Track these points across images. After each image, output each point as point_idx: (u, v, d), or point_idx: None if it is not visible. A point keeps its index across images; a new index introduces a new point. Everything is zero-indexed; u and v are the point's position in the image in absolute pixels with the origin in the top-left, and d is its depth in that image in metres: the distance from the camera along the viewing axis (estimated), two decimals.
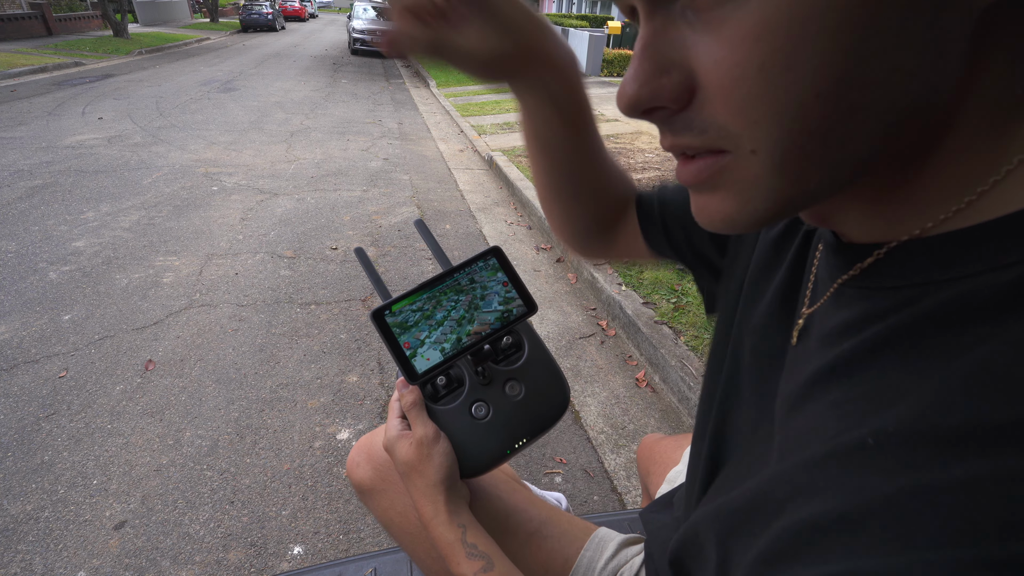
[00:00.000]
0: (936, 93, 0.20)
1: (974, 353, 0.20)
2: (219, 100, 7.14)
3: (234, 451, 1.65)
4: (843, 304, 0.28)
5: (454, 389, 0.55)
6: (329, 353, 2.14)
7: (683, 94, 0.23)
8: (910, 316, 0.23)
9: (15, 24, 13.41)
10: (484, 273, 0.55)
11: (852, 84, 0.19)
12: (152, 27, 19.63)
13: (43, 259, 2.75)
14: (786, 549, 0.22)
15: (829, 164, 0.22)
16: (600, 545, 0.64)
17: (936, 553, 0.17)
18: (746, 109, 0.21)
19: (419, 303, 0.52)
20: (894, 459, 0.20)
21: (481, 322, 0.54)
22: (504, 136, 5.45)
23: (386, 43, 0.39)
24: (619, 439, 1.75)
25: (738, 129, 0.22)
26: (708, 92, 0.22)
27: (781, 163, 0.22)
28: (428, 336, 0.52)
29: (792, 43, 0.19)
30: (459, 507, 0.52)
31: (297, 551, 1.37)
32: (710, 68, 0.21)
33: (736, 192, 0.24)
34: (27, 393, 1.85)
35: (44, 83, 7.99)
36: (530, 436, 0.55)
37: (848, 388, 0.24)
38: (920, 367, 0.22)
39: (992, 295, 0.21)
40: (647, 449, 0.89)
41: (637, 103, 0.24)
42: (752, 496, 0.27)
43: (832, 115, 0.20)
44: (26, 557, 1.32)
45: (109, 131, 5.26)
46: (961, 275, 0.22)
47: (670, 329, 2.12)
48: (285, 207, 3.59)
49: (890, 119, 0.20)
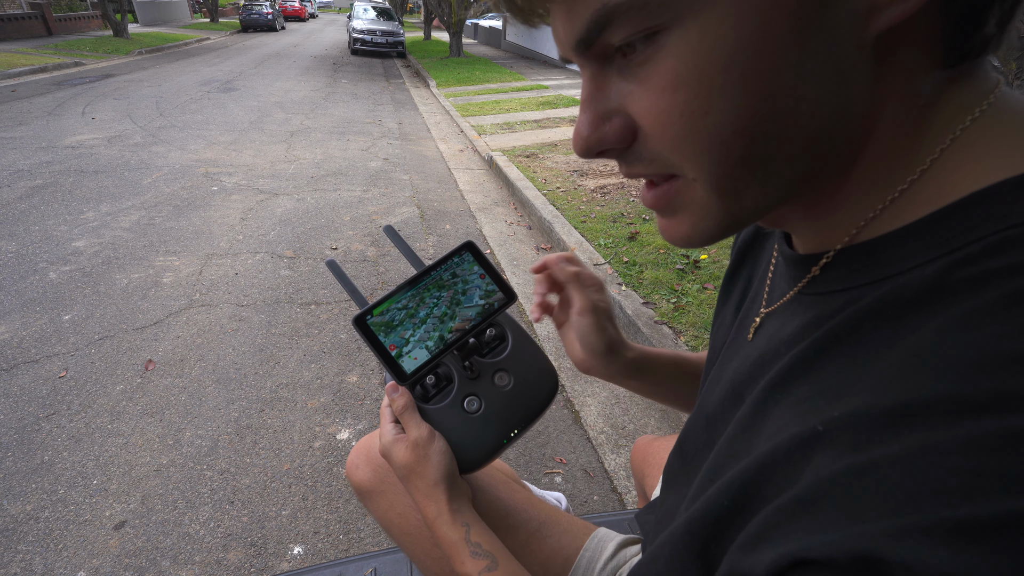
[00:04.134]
0: (846, 113, 0.23)
1: (906, 341, 0.22)
2: (219, 100, 7.14)
3: (234, 451, 1.65)
4: (799, 311, 0.30)
5: (444, 387, 0.55)
6: (329, 353, 2.14)
7: (626, 135, 0.27)
8: (854, 314, 0.25)
9: (15, 24, 13.41)
10: (463, 267, 0.55)
11: (763, 118, 0.23)
12: (152, 27, 19.63)
13: (43, 259, 2.75)
14: (757, 532, 0.23)
15: (760, 184, 0.25)
16: (600, 545, 0.64)
17: (877, 524, 0.18)
18: (678, 147, 0.25)
19: (403, 301, 0.52)
20: (841, 442, 0.21)
21: (463, 317, 0.54)
22: (504, 136, 5.45)
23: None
24: (619, 439, 1.75)
25: (677, 161, 0.26)
26: (646, 132, 0.26)
27: (717, 187, 0.25)
28: (413, 335, 0.52)
29: (704, 91, 0.23)
30: (462, 505, 0.52)
31: (297, 551, 1.37)
32: (643, 114, 0.25)
33: (690, 213, 0.28)
34: (27, 393, 1.85)
35: (44, 83, 7.99)
36: (524, 424, 0.55)
37: (805, 387, 0.26)
38: (864, 359, 0.23)
39: (919, 288, 0.23)
40: (641, 451, 0.89)
41: (588, 148, 0.28)
42: (729, 496, 0.28)
43: (751, 145, 0.24)
44: (26, 557, 1.32)
45: (109, 131, 5.26)
46: (893, 273, 0.25)
47: (670, 329, 2.12)
48: (285, 207, 3.59)
49: (805, 141, 0.24)
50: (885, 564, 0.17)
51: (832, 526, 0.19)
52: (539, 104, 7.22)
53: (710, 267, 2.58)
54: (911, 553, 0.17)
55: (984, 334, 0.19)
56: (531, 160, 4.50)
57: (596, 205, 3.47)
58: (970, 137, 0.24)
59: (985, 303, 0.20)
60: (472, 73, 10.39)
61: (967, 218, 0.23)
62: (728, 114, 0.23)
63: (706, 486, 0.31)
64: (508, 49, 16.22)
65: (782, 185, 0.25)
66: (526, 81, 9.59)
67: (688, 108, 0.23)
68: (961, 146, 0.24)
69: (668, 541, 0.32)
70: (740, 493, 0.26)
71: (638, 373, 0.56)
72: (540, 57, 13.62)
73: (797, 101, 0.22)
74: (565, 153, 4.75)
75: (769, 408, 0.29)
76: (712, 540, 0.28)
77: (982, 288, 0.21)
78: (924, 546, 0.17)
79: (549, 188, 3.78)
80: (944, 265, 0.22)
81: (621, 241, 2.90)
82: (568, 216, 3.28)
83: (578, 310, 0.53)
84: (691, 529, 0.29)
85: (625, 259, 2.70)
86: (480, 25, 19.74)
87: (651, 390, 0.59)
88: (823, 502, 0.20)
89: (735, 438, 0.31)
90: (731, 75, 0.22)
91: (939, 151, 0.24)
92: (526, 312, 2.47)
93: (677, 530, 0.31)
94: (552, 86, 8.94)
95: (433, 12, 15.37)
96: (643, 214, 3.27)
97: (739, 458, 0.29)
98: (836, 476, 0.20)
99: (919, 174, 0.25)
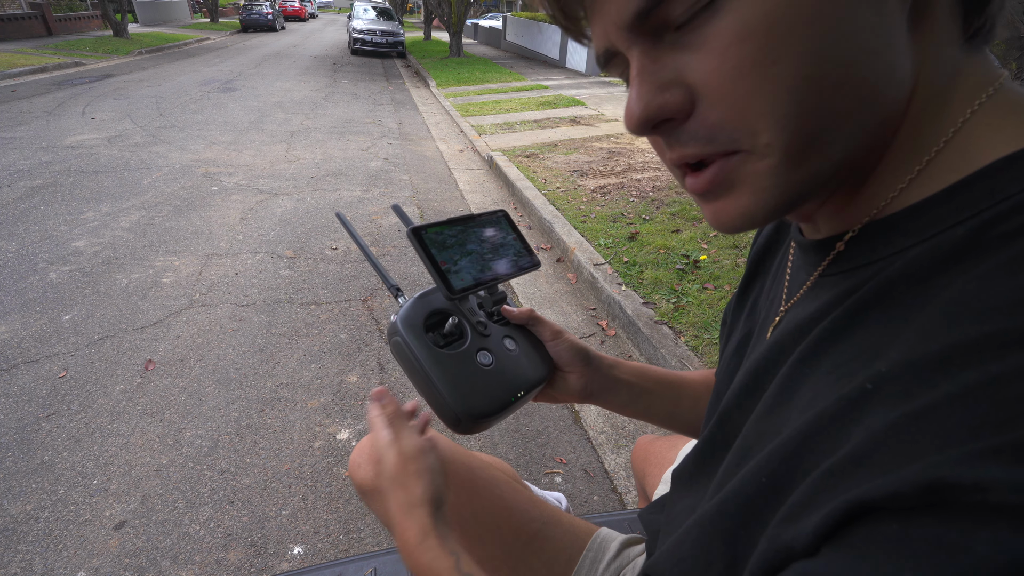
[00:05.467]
0: (896, 74, 0.24)
1: (946, 292, 0.22)
2: (219, 100, 7.14)
3: (234, 451, 1.65)
4: (821, 293, 0.31)
5: (456, 339, 0.56)
6: (329, 353, 2.13)
7: (685, 105, 0.26)
8: (886, 279, 0.26)
9: (15, 24, 13.41)
10: (501, 226, 0.61)
11: (831, 63, 0.23)
12: (152, 27, 19.62)
13: (43, 259, 2.75)
14: (802, 501, 0.22)
15: (826, 143, 0.25)
16: (602, 545, 0.64)
17: (943, 454, 0.18)
18: (749, 105, 0.24)
19: (455, 231, 0.56)
20: (892, 394, 0.21)
21: (500, 264, 0.58)
22: (504, 136, 5.45)
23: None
24: (619, 439, 1.75)
25: (745, 126, 0.25)
26: (709, 100, 0.25)
27: (788, 146, 0.25)
28: (460, 260, 0.55)
29: (773, 39, 0.23)
30: (448, 532, 0.46)
31: (297, 551, 1.37)
32: (707, 79, 0.25)
33: (751, 186, 0.26)
34: (27, 393, 1.85)
35: (44, 83, 7.99)
36: (527, 389, 0.57)
37: (837, 354, 0.26)
38: (901, 316, 0.24)
39: (950, 248, 0.24)
40: (642, 450, 0.89)
41: (646, 119, 0.27)
42: (767, 473, 0.27)
43: (820, 92, 0.23)
44: (26, 557, 1.32)
45: (109, 131, 5.26)
46: (923, 239, 0.25)
47: (670, 329, 2.12)
48: (285, 207, 3.59)
49: (867, 94, 0.24)
50: (956, 488, 0.17)
51: (893, 468, 0.19)
52: (539, 104, 7.22)
53: (710, 267, 2.58)
54: (983, 473, 0.17)
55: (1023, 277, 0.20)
56: (531, 160, 4.50)
57: (596, 205, 3.47)
58: (988, 111, 0.25)
59: (1021, 251, 0.21)
60: (472, 73, 10.39)
61: (994, 182, 0.23)
62: (798, 59, 0.23)
63: (733, 471, 0.30)
64: (508, 49, 16.23)
65: (843, 148, 0.25)
66: (526, 81, 9.60)
67: (758, 58, 0.23)
68: (981, 118, 0.25)
69: (696, 526, 0.31)
70: (781, 467, 0.25)
71: (622, 383, 0.59)
72: (540, 57, 13.63)
73: (858, 51, 0.23)
74: (565, 153, 4.75)
75: (797, 384, 0.28)
76: (743, 524, 0.27)
77: (1015, 239, 0.21)
78: (996, 464, 0.16)
79: (549, 188, 3.78)
80: (974, 225, 0.23)
81: (621, 241, 2.90)
82: (568, 216, 3.28)
83: (550, 337, 0.58)
84: (723, 511, 0.29)
85: (625, 259, 2.70)
86: (480, 25, 19.75)
87: (645, 403, 0.60)
88: (881, 452, 0.20)
89: (762, 419, 0.30)
90: (799, 19, 0.22)
91: (960, 123, 0.25)
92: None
93: (706, 514, 0.30)
94: (552, 86, 8.94)
95: (433, 12, 15.39)
96: (643, 214, 3.27)
97: (769, 437, 0.28)
98: (891, 426, 0.20)
99: (943, 144, 0.26)
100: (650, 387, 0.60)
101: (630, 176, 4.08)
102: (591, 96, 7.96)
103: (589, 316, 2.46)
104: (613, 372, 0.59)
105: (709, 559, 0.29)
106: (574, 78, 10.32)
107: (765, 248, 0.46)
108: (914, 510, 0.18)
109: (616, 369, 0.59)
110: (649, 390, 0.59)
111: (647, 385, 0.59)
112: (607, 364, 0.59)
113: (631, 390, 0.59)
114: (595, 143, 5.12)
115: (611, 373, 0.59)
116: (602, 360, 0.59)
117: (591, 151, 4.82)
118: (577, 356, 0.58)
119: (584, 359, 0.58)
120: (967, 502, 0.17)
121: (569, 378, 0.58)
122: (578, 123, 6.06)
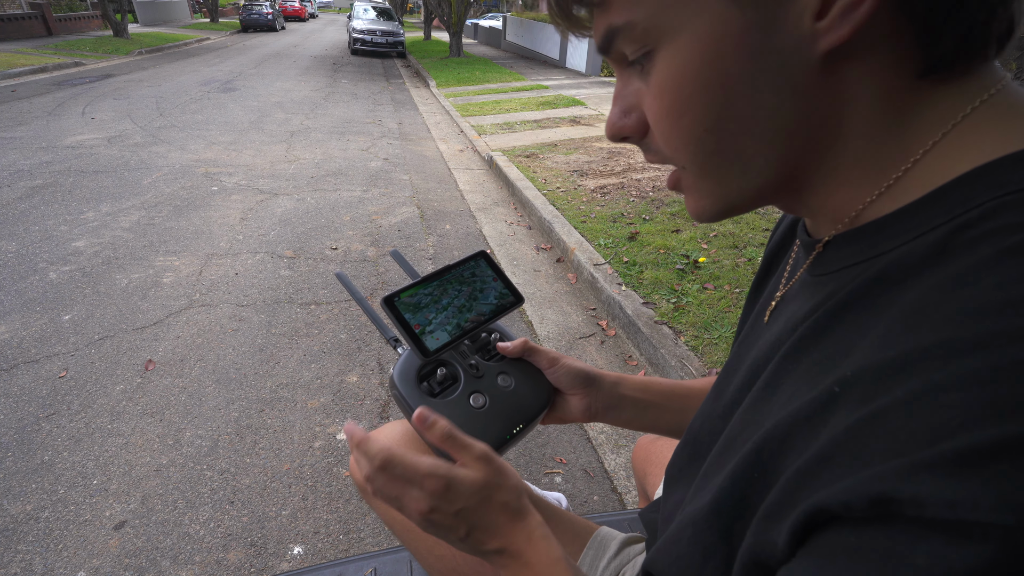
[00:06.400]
0: (805, 115, 0.27)
1: (910, 297, 0.24)
2: (219, 100, 7.14)
3: (234, 451, 1.65)
4: (812, 293, 0.32)
5: (449, 385, 0.58)
6: (329, 353, 2.13)
7: (640, 128, 0.32)
8: (860, 284, 0.27)
9: (15, 24, 13.41)
10: (480, 270, 0.62)
11: (728, 119, 0.28)
12: (152, 27, 19.62)
13: (43, 259, 2.75)
14: (779, 500, 0.24)
15: (738, 172, 0.30)
16: (602, 544, 0.64)
17: (886, 466, 0.19)
18: (667, 141, 0.31)
19: (429, 289, 0.58)
20: (855, 397, 0.22)
21: (479, 311, 0.59)
22: (504, 136, 5.45)
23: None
24: (619, 439, 1.75)
25: (672, 152, 0.31)
26: (653, 128, 0.31)
27: (700, 174, 0.31)
28: (435, 318, 0.56)
29: (680, 97, 0.28)
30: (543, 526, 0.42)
31: (297, 551, 1.37)
32: (648, 112, 0.31)
33: (694, 192, 0.33)
34: (27, 393, 1.85)
35: (44, 83, 7.99)
36: (526, 423, 0.57)
37: (815, 355, 0.28)
38: (870, 321, 0.25)
39: (922, 253, 0.25)
40: (643, 450, 0.89)
41: (613, 136, 0.34)
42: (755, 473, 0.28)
43: (721, 140, 0.29)
44: (26, 557, 1.32)
45: (109, 131, 5.26)
46: (899, 244, 0.26)
47: (670, 329, 2.12)
48: (285, 207, 3.59)
49: (770, 137, 0.28)
50: (896, 502, 0.18)
51: (846, 474, 0.20)
52: (539, 104, 7.22)
53: (710, 267, 2.58)
54: (918, 488, 0.18)
55: (978, 287, 0.21)
56: (531, 160, 4.50)
57: (596, 205, 3.47)
58: (965, 130, 0.26)
59: (980, 259, 0.22)
60: (472, 73, 10.39)
61: (968, 190, 0.24)
62: (699, 115, 0.28)
63: (717, 460, 0.31)
64: (508, 49, 16.23)
65: (760, 173, 0.29)
66: (526, 81, 9.60)
67: (671, 110, 0.29)
68: (956, 137, 0.26)
69: (691, 523, 0.32)
70: (769, 460, 0.26)
71: (626, 400, 0.60)
72: (540, 57, 13.62)
73: (755, 107, 0.27)
74: (565, 153, 4.75)
75: (780, 379, 0.30)
76: (738, 519, 0.28)
77: (978, 247, 0.22)
78: (929, 479, 0.18)
79: (549, 188, 3.78)
80: (945, 231, 0.24)
81: (621, 241, 2.90)
82: (568, 216, 3.28)
83: (547, 365, 0.59)
84: (718, 508, 0.29)
85: (625, 259, 2.70)
86: (480, 25, 19.74)
87: (652, 417, 0.61)
88: (837, 455, 0.21)
89: (747, 410, 0.32)
90: (697, 86, 0.27)
91: (931, 144, 0.26)
92: (526, 313, 2.47)
93: (701, 511, 0.31)
94: (552, 86, 8.94)
95: (433, 12, 15.39)
96: (643, 214, 3.27)
97: (751, 429, 0.29)
98: (848, 429, 0.21)
99: (912, 164, 0.27)
100: (656, 400, 0.60)
101: (630, 176, 4.08)
102: (591, 96, 7.97)
103: (589, 316, 2.46)
104: (617, 389, 0.59)
105: (706, 555, 0.30)
106: (574, 78, 10.32)
107: (780, 244, 0.46)
108: (865, 521, 0.19)
109: (620, 386, 0.59)
110: (655, 403, 0.60)
111: (652, 399, 0.60)
112: (610, 382, 0.59)
113: (636, 405, 0.59)
114: (595, 143, 5.12)
115: (615, 391, 0.59)
116: (604, 378, 0.60)
117: (591, 151, 4.82)
118: (577, 379, 0.58)
119: (585, 381, 0.58)
120: (908, 516, 0.18)
121: (572, 401, 0.59)
122: (578, 123, 6.07)
